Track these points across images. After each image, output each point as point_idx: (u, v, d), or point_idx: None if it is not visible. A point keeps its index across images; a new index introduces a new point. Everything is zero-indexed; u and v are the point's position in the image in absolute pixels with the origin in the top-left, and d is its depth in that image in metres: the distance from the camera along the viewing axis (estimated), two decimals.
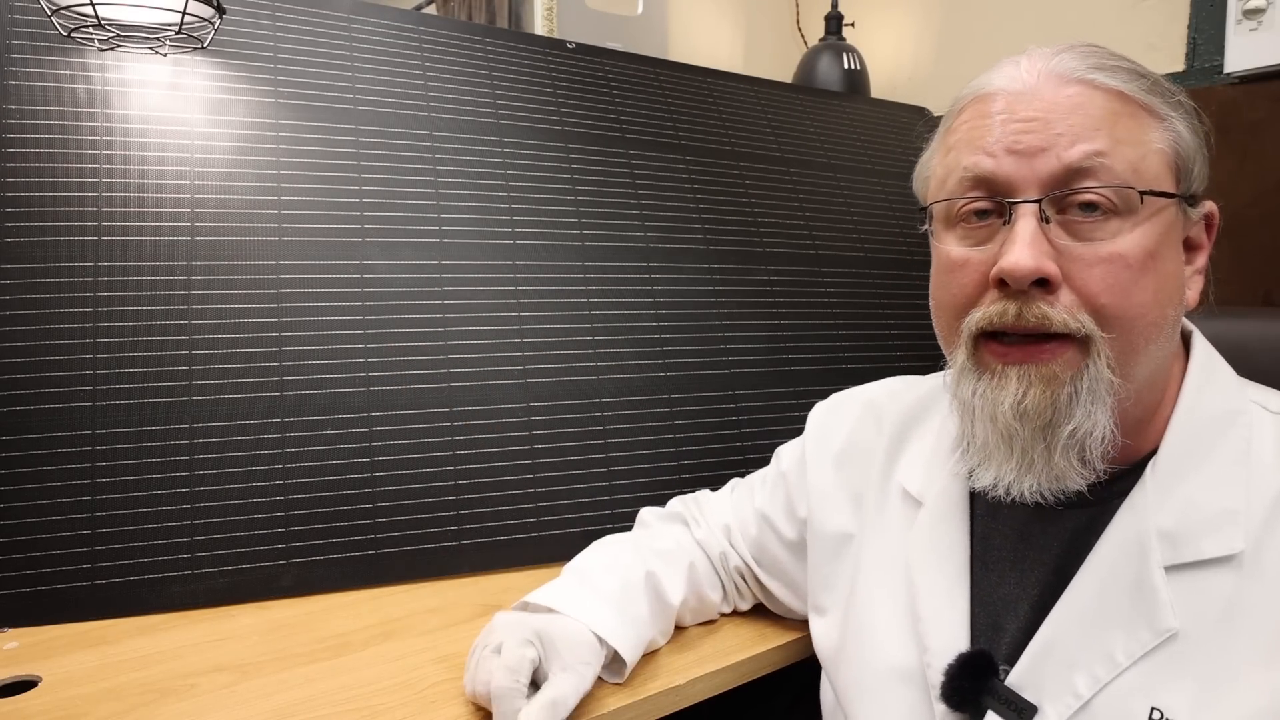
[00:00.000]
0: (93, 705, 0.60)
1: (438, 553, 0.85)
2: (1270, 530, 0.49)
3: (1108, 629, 0.50)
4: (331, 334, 0.86)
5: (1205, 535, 0.49)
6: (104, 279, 0.79)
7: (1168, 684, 0.48)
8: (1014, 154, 0.51)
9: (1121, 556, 0.51)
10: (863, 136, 1.36)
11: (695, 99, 1.22)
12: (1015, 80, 0.53)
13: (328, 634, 0.72)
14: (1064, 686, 0.50)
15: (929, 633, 0.57)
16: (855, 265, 1.22)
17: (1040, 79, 0.52)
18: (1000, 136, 0.51)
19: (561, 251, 1.00)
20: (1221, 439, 0.52)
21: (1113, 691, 0.49)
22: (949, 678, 0.53)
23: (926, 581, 0.58)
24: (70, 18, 0.79)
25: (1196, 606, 0.48)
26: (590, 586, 0.66)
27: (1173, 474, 0.52)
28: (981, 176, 0.52)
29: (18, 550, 0.72)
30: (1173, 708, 0.47)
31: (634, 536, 0.77)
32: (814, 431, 0.73)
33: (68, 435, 0.75)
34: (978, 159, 0.52)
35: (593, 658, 0.60)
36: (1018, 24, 1.48)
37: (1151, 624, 0.49)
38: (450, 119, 1.00)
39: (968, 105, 0.55)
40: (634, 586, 0.68)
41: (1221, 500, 0.50)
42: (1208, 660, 0.47)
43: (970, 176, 0.53)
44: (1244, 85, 1.18)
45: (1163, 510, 0.51)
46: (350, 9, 0.99)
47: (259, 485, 0.80)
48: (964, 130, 0.54)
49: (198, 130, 0.86)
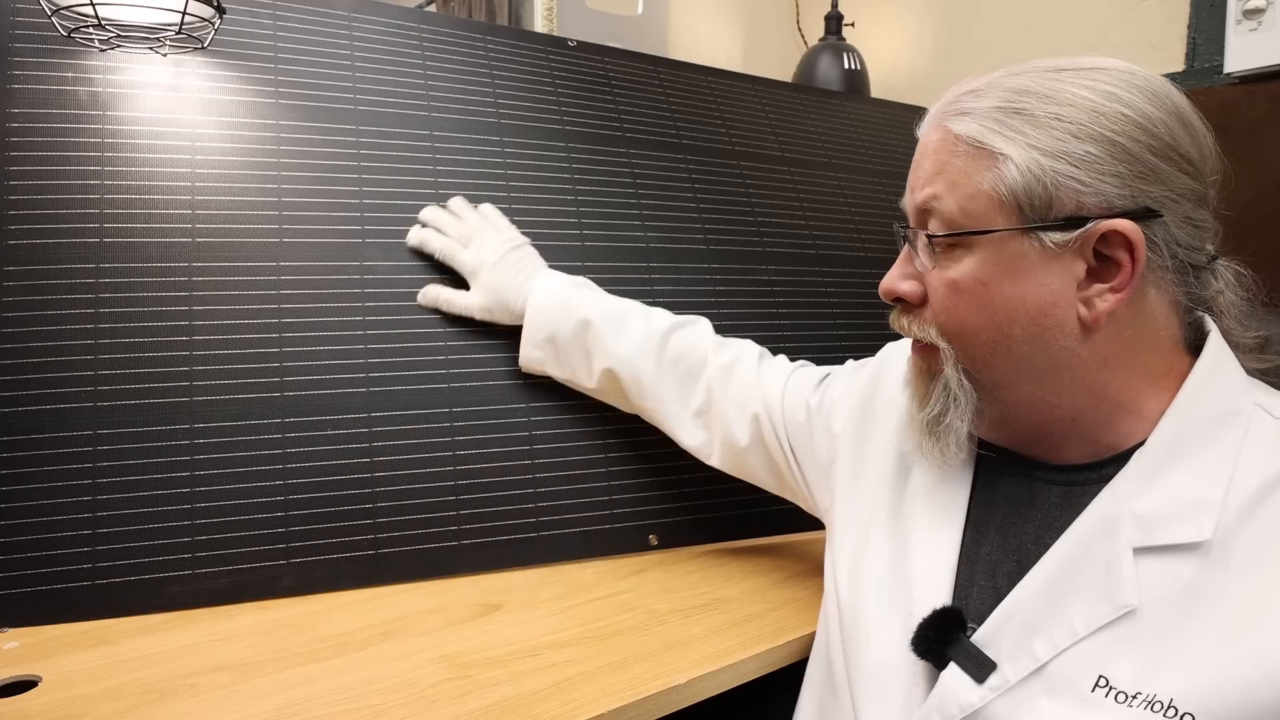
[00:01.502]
0: (93, 705, 0.60)
1: (438, 553, 0.85)
2: (1242, 524, 0.51)
3: (1072, 600, 0.53)
4: (332, 334, 0.86)
5: (1176, 521, 0.52)
6: (105, 280, 0.79)
7: (1118, 656, 0.51)
8: (908, 189, 0.61)
9: (1095, 534, 0.54)
10: (863, 136, 1.36)
11: (696, 98, 1.22)
12: (924, 120, 0.61)
13: (328, 634, 0.72)
14: (1023, 648, 0.54)
15: (915, 586, 0.61)
16: (855, 265, 1.22)
17: (927, 122, 0.60)
18: (910, 171, 0.61)
19: (561, 251, 1.00)
20: (1215, 436, 0.54)
21: (1068, 658, 0.52)
22: (920, 629, 0.58)
23: (921, 542, 0.63)
24: (70, 18, 0.79)
25: (1158, 587, 0.51)
26: (573, 287, 0.90)
27: (1157, 464, 0.54)
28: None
29: (18, 550, 0.72)
30: (1118, 676, 0.50)
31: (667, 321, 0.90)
32: (874, 368, 0.78)
33: (69, 435, 0.75)
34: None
35: (499, 315, 0.90)
36: (1017, 24, 1.48)
37: (1112, 599, 0.52)
38: (451, 118, 1.00)
39: None
40: (590, 316, 0.87)
41: (1199, 491, 0.52)
42: (1159, 637, 0.50)
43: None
44: (1244, 85, 1.19)
45: (1141, 495, 0.54)
46: (351, 7, 0.99)
47: (259, 485, 0.80)
48: None
49: (198, 131, 0.86)
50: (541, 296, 0.89)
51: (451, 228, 0.92)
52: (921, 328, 0.60)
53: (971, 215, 0.56)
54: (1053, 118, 0.53)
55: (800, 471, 0.81)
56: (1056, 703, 0.52)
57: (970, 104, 0.57)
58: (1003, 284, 0.55)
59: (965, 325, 0.57)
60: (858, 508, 0.71)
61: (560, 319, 0.88)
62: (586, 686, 0.64)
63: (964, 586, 0.60)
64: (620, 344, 0.87)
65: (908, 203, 0.61)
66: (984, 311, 0.56)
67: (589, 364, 0.89)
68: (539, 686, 0.63)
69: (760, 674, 0.71)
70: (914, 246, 0.60)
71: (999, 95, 0.56)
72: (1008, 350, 0.56)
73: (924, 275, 0.60)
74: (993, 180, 0.54)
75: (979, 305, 0.56)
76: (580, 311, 0.88)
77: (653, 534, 0.95)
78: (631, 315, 0.89)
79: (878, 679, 0.61)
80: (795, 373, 0.84)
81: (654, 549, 0.95)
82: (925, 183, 0.58)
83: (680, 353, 0.87)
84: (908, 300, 0.61)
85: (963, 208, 0.56)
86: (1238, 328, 0.60)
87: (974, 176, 0.55)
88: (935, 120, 0.59)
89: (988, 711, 0.54)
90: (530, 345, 0.90)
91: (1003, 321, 0.56)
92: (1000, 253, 0.55)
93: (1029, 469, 0.60)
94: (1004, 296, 0.56)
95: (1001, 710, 0.53)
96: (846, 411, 0.76)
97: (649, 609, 0.79)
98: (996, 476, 0.62)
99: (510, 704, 0.61)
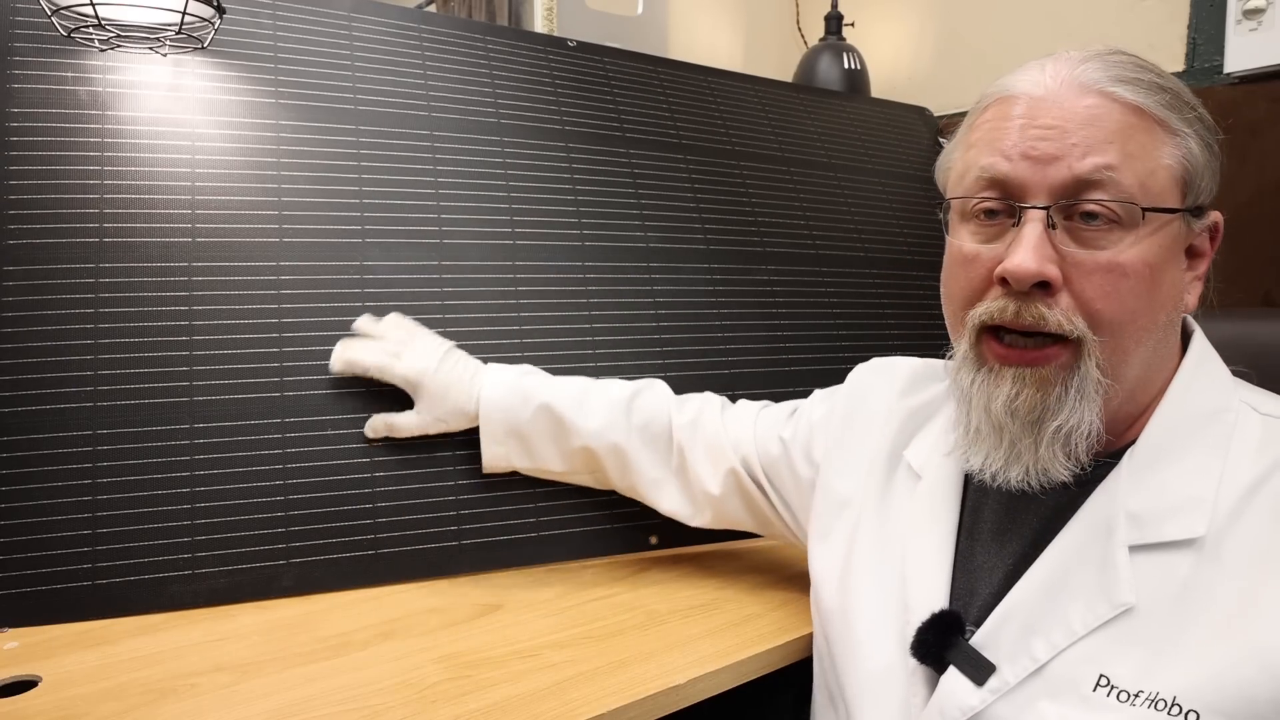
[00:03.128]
0: (93, 705, 0.60)
1: (438, 553, 0.85)
2: (1235, 520, 0.51)
3: (1070, 600, 0.53)
4: (332, 334, 0.86)
5: (1170, 519, 0.52)
6: (105, 280, 0.79)
7: (1117, 654, 0.51)
8: (1029, 159, 0.53)
9: (1090, 535, 0.54)
10: (863, 136, 1.36)
11: (696, 98, 1.22)
12: (1038, 85, 0.55)
13: (328, 634, 0.72)
14: (1022, 650, 0.54)
15: (912, 593, 0.61)
16: (855, 265, 1.22)
17: (1062, 86, 0.54)
18: (1017, 141, 0.54)
19: (561, 251, 1.00)
20: (1203, 433, 0.55)
21: (1067, 658, 0.52)
22: (918, 633, 0.58)
23: (916, 547, 0.62)
24: (70, 18, 0.79)
25: (1154, 585, 0.51)
26: (522, 375, 0.85)
27: (1148, 463, 0.55)
28: (996, 178, 0.55)
29: (18, 550, 0.72)
30: (1118, 675, 0.50)
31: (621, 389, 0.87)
32: (849, 388, 0.77)
33: (69, 435, 0.75)
34: (994, 160, 0.55)
35: (454, 421, 0.84)
36: (1017, 24, 1.48)
37: (1110, 597, 0.52)
38: (451, 118, 1.00)
39: (991, 105, 0.58)
40: (549, 400, 0.84)
41: (1191, 488, 0.53)
42: (1158, 635, 0.50)
43: (986, 177, 0.55)
44: (1244, 85, 1.19)
45: (1133, 495, 0.54)
46: (351, 7, 0.99)
47: (259, 485, 0.80)
48: (985, 130, 0.57)
49: (198, 131, 0.86)
50: (494, 389, 0.84)
51: (374, 347, 0.84)
52: (1067, 318, 0.52)
53: (1150, 192, 0.52)
54: (1194, 113, 0.55)
55: (783, 503, 0.80)
56: (1058, 704, 0.51)
57: (1130, 74, 0.54)
58: (1166, 268, 0.54)
59: (1124, 312, 0.52)
60: (844, 522, 0.70)
61: (519, 408, 0.84)
62: (586, 686, 0.64)
63: (960, 590, 0.60)
64: (589, 420, 0.84)
65: (1035, 176, 0.53)
66: (1146, 297, 0.53)
67: (557, 448, 0.85)
68: (539, 686, 0.63)
69: (760, 674, 0.71)
70: (1060, 224, 0.53)
71: (1142, 70, 0.54)
72: (1151, 339, 0.54)
73: (1070, 257, 0.53)
74: (1179, 158, 0.53)
75: (1142, 290, 0.53)
76: (539, 397, 0.84)
77: (653, 534, 0.95)
78: (589, 391, 0.86)
79: (875, 685, 0.61)
80: (761, 412, 0.83)
81: (654, 549, 0.94)
82: (1090, 150, 0.52)
83: (646, 419, 0.84)
84: (1053, 284, 0.52)
85: (1143, 183, 0.52)
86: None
87: (1155, 151, 0.53)
88: (1086, 83, 0.53)
89: (989, 714, 0.53)
90: (492, 442, 0.84)
91: (1157, 308, 0.54)
92: (1166, 234, 0.53)
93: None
94: (1165, 281, 0.54)
95: (1003, 713, 0.53)
96: (828, 431, 0.75)
97: (649, 609, 0.79)
98: (985, 485, 0.60)
99: (510, 704, 0.61)
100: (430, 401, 0.83)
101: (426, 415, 0.84)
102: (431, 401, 0.83)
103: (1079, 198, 0.52)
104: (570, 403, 0.84)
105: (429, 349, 0.85)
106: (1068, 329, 0.52)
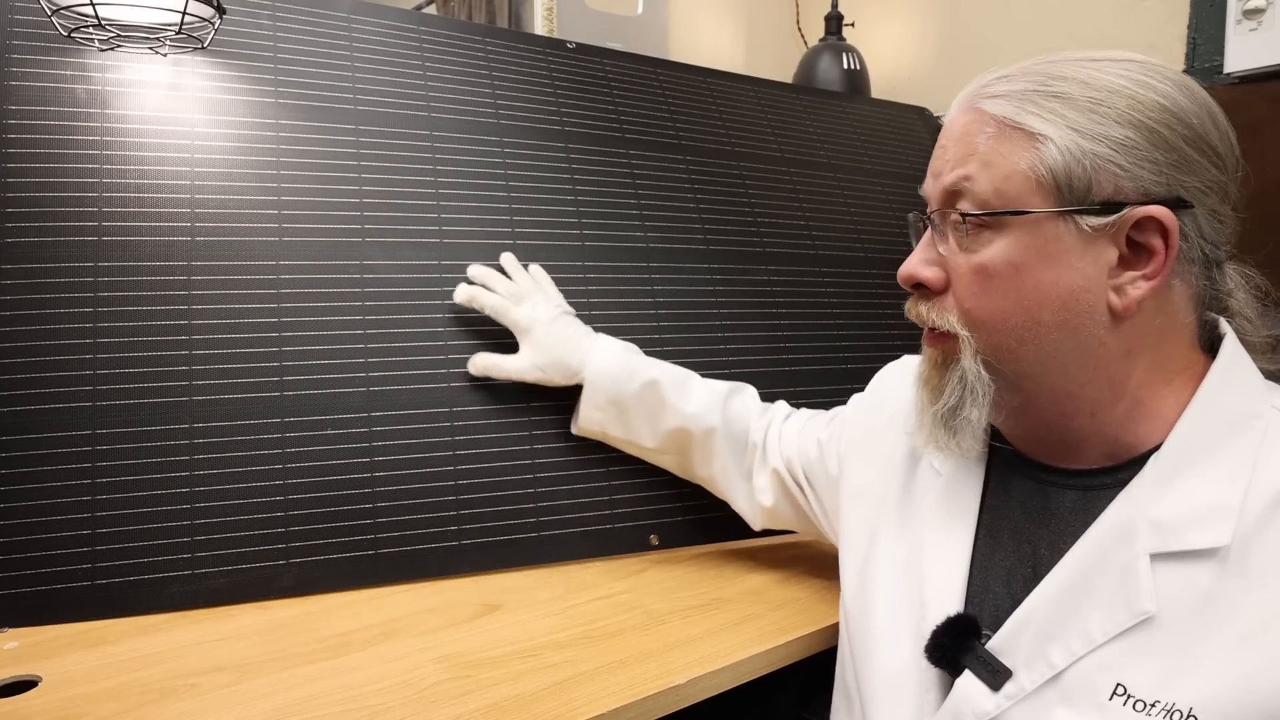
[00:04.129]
0: (93, 705, 0.60)
1: (438, 553, 0.85)
2: (1261, 530, 0.50)
3: (1089, 607, 0.53)
4: (331, 334, 0.86)
5: (1194, 527, 0.51)
6: (104, 279, 0.79)
7: (1136, 663, 0.50)
8: (930, 175, 0.60)
9: (1111, 540, 0.53)
10: (863, 136, 1.36)
11: (695, 99, 1.22)
12: (952, 107, 0.60)
13: (328, 634, 0.72)
14: (1039, 656, 0.53)
15: (928, 593, 0.61)
16: (855, 265, 1.22)
17: (956, 106, 0.59)
18: (932, 160, 0.60)
19: (561, 251, 1.00)
20: (1231, 439, 0.53)
21: (1085, 665, 0.52)
22: (933, 636, 0.58)
23: (934, 546, 0.62)
24: (70, 18, 0.79)
25: (1176, 594, 0.51)
26: (628, 351, 0.90)
27: (1174, 468, 0.54)
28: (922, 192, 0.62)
29: (18, 550, 0.72)
30: (1136, 685, 0.50)
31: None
32: (874, 386, 0.80)
33: (68, 435, 0.75)
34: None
35: (553, 373, 0.89)
36: (1017, 24, 1.48)
37: (1130, 606, 0.51)
38: (450, 119, 1.00)
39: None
40: (657, 377, 0.88)
41: (1217, 496, 0.52)
42: (1177, 645, 0.50)
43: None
44: (1244, 85, 1.19)
45: (1158, 501, 0.53)
46: (350, 9, 0.99)
47: (259, 485, 0.80)
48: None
49: (198, 130, 0.86)
50: (603, 357, 0.89)
51: (501, 285, 0.92)
52: (942, 315, 0.58)
53: (1006, 196, 0.55)
54: (1092, 102, 0.53)
55: (819, 504, 0.81)
56: (1074, 711, 0.51)
57: (1003, 87, 0.56)
58: (1036, 268, 0.54)
59: (993, 311, 0.56)
60: (864, 516, 0.70)
61: (624, 381, 0.88)
62: (586, 686, 0.64)
63: (977, 593, 0.59)
64: (689, 403, 0.88)
65: (930, 188, 0.60)
66: (1014, 296, 0.55)
67: (653, 424, 0.89)
68: (539, 686, 0.63)
69: (760, 674, 0.71)
70: (939, 230, 0.58)
71: (1032, 79, 0.55)
72: (1035, 337, 0.55)
73: (947, 261, 0.58)
74: (1031, 160, 0.54)
75: (1009, 290, 0.55)
76: (644, 373, 0.89)
77: (653, 534, 0.95)
78: (691, 377, 0.91)
79: (889, 686, 0.61)
80: (811, 419, 0.87)
81: (654, 549, 0.95)
82: (955, 164, 0.57)
83: (735, 416, 0.89)
84: (929, 287, 0.59)
85: (997, 188, 0.55)
86: (1250, 328, 0.59)
87: (1010, 157, 0.54)
88: (965, 103, 0.58)
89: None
90: (591, 407, 0.90)
91: (1033, 306, 0.55)
92: (1034, 235, 0.54)
93: (1043, 473, 0.60)
94: (1036, 280, 0.54)
95: (1018, 719, 0.53)
96: (853, 430, 0.77)
97: (649, 609, 0.79)
98: (1009, 481, 0.61)
99: (510, 704, 0.61)
100: (536, 350, 0.89)
101: (528, 361, 0.89)
102: (537, 350, 0.89)
103: (945, 207, 0.57)
104: (673, 384, 0.89)
105: (547, 302, 0.91)
106: (944, 326, 0.58)
